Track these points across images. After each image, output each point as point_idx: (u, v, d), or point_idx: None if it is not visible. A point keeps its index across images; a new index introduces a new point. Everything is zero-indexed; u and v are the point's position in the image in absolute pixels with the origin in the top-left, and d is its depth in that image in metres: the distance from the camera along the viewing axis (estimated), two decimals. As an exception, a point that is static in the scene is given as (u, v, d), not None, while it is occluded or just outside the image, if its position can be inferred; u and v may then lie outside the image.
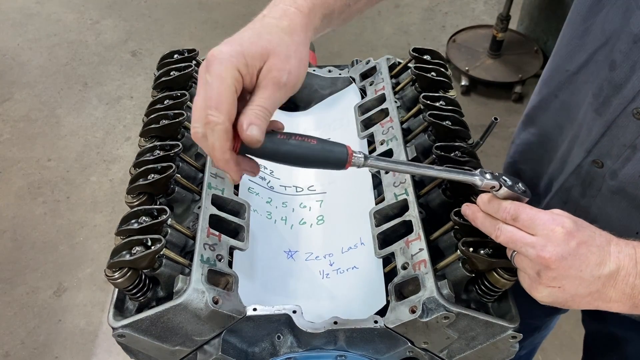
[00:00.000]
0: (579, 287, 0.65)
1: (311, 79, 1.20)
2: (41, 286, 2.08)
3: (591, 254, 0.65)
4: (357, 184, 1.00)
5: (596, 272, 0.65)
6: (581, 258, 0.64)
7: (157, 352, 0.80)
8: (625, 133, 0.81)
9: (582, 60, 0.88)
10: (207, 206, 0.85)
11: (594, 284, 0.65)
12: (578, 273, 0.64)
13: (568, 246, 0.64)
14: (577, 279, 0.65)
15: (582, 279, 0.65)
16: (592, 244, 0.65)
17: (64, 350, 1.86)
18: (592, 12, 0.84)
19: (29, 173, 2.55)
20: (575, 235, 0.65)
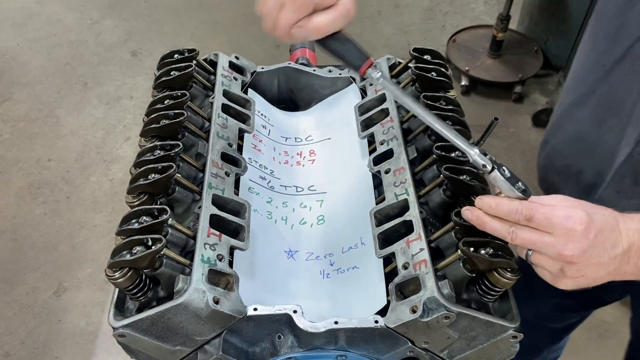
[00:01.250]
0: (599, 271, 0.69)
1: (311, 79, 1.20)
2: (41, 286, 2.08)
3: (606, 239, 0.68)
4: (358, 184, 1.00)
5: (612, 253, 0.68)
6: (599, 246, 0.68)
7: (158, 352, 0.80)
8: None
9: (618, 54, 0.90)
10: (208, 206, 0.85)
11: (611, 264, 0.69)
12: (598, 260, 0.68)
13: (587, 240, 0.67)
14: (597, 265, 0.69)
15: (601, 264, 0.69)
16: (605, 229, 0.68)
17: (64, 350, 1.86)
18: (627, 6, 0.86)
19: (29, 173, 2.55)
20: (592, 227, 0.67)
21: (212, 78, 1.12)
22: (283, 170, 1.07)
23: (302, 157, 1.12)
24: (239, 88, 1.12)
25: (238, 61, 1.17)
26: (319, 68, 1.22)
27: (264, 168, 1.04)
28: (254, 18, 0.75)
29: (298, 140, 1.15)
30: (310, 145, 1.14)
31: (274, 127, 1.15)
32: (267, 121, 1.14)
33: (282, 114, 1.21)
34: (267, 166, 1.05)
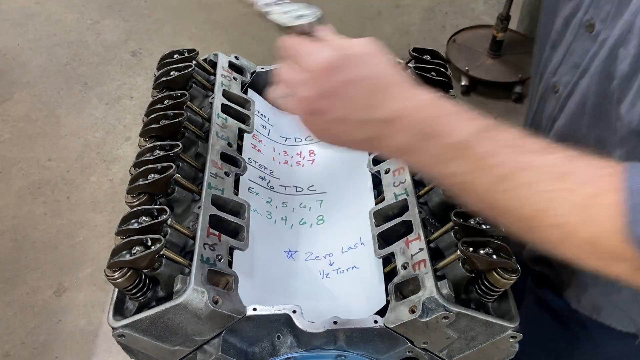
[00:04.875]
0: (351, 131, 0.59)
1: (311, 79, 1.20)
2: (41, 286, 2.08)
3: (362, 95, 0.57)
4: (357, 184, 1.00)
5: (367, 115, 0.57)
6: (347, 100, 0.57)
7: (157, 352, 0.80)
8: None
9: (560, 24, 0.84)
10: (207, 206, 0.85)
11: (368, 129, 0.58)
12: (343, 115, 0.58)
13: (328, 85, 0.57)
14: (345, 122, 0.58)
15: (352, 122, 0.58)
16: (366, 84, 0.57)
17: (64, 350, 1.86)
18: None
19: (29, 173, 2.55)
20: (341, 73, 0.57)
21: (211, 78, 1.12)
22: (283, 170, 1.08)
23: (301, 157, 1.12)
24: (238, 88, 1.12)
25: (238, 61, 1.17)
26: (318, 68, 1.22)
27: (264, 168, 1.04)
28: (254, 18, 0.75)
29: (298, 140, 1.15)
30: (310, 145, 1.14)
31: (273, 127, 1.15)
32: (266, 121, 1.14)
33: (281, 114, 1.20)
34: (267, 166, 1.05)
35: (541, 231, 0.53)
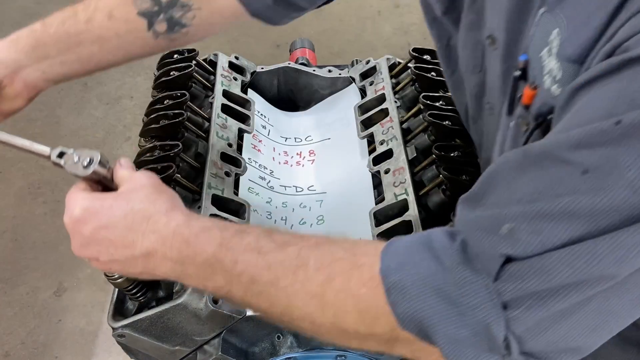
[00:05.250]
0: (126, 268, 0.62)
1: (311, 79, 1.21)
2: (41, 286, 2.07)
3: (115, 237, 0.60)
4: (357, 184, 1.00)
5: (127, 253, 0.60)
6: (104, 243, 0.60)
7: (157, 352, 0.80)
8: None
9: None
10: (207, 206, 0.85)
11: (136, 264, 0.61)
12: (111, 257, 0.61)
13: (83, 236, 0.61)
14: (116, 262, 0.61)
15: (121, 262, 0.61)
16: (116, 227, 0.60)
17: (64, 350, 1.86)
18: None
19: (29, 173, 2.55)
20: (87, 222, 0.60)
21: (211, 78, 1.12)
22: (283, 171, 1.08)
23: (301, 157, 1.12)
24: (238, 88, 1.12)
25: (238, 61, 1.18)
26: (318, 68, 1.22)
27: (264, 168, 1.04)
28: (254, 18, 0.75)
29: (298, 141, 1.15)
30: (310, 145, 1.14)
31: (273, 127, 1.15)
32: (266, 121, 1.14)
33: (281, 114, 1.21)
34: (267, 166, 1.05)
35: (298, 325, 0.55)
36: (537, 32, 0.52)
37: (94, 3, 0.77)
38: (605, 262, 0.40)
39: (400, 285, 0.48)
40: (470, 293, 0.45)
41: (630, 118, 0.38)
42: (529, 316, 0.43)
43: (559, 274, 0.41)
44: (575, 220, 0.41)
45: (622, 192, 0.39)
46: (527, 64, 0.54)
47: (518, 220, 0.43)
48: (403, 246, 0.51)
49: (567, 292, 0.42)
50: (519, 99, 0.56)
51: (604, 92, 0.41)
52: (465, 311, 0.45)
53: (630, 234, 0.39)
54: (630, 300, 0.44)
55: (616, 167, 0.39)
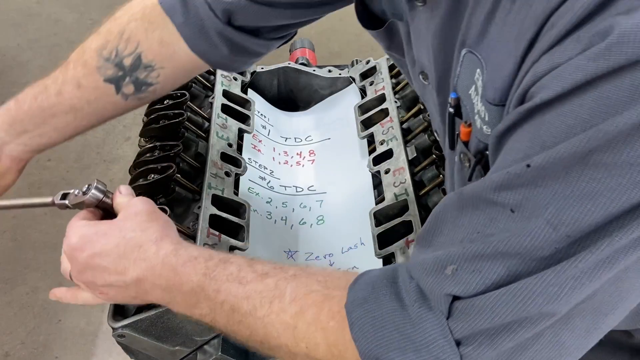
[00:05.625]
0: (119, 293, 0.65)
1: (311, 79, 1.20)
2: (41, 286, 2.07)
3: (108, 264, 0.63)
4: (357, 184, 1.00)
5: (120, 279, 0.63)
6: (98, 270, 0.64)
7: (157, 352, 0.80)
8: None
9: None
10: (207, 206, 0.85)
11: (128, 290, 0.64)
12: (105, 282, 0.64)
13: (79, 262, 0.65)
14: (110, 287, 0.65)
15: (115, 287, 0.64)
16: (109, 254, 0.63)
17: (64, 350, 1.86)
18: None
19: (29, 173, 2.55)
20: (83, 249, 0.64)
21: (211, 78, 1.12)
22: (283, 171, 1.08)
23: (301, 157, 1.12)
24: (238, 88, 1.12)
25: (238, 61, 1.17)
26: (318, 68, 1.22)
27: (264, 168, 1.04)
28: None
29: (298, 141, 1.15)
30: (310, 145, 1.14)
31: (273, 127, 1.15)
32: (266, 121, 1.14)
33: (281, 114, 1.21)
34: (267, 166, 1.05)
35: (275, 353, 0.57)
36: (462, 71, 0.54)
37: (61, 76, 0.81)
38: (540, 301, 0.42)
39: (361, 321, 0.49)
40: (425, 330, 0.46)
41: (539, 161, 0.40)
42: (482, 353, 0.45)
43: (500, 312, 0.43)
44: (509, 259, 0.42)
45: (542, 230, 0.40)
46: (459, 102, 0.56)
47: (460, 260, 0.45)
48: (369, 281, 0.52)
49: (514, 330, 0.43)
50: (457, 135, 0.58)
51: (520, 137, 0.43)
52: (421, 348, 0.46)
53: (557, 272, 0.41)
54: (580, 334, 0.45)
55: (537, 206, 0.41)
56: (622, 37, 0.36)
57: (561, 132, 0.40)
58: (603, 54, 0.37)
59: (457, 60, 0.54)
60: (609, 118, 0.37)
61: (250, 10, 0.73)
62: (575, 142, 0.38)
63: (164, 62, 0.77)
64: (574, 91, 0.39)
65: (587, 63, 0.38)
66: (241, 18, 0.74)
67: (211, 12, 0.73)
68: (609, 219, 0.39)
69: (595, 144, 0.38)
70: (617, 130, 0.37)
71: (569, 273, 0.40)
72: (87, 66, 0.79)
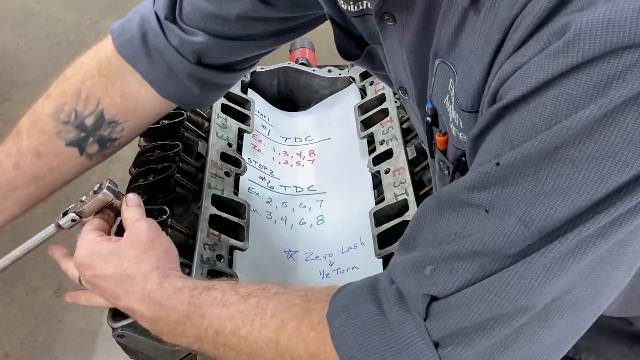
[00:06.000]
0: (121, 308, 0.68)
1: (311, 79, 1.20)
2: (41, 286, 2.07)
3: (108, 287, 0.67)
4: (357, 184, 1.00)
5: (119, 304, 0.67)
6: (101, 290, 0.68)
7: (157, 352, 0.80)
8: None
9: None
10: (207, 206, 0.85)
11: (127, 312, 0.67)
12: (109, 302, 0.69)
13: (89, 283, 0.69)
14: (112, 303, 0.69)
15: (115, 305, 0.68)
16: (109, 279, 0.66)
17: (64, 350, 1.86)
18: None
19: (29, 173, 2.55)
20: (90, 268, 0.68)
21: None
22: (283, 171, 1.08)
23: (301, 157, 1.12)
24: (238, 88, 1.12)
25: (238, 61, 1.17)
26: (318, 68, 1.22)
27: (264, 168, 1.04)
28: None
29: (298, 141, 1.15)
30: (310, 145, 1.14)
31: (273, 127, 1.15)
32: (266, 121, 1.14)
33: (281, 114, 1.21)
34: (267, 166, 1.05)
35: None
36: (436, 82, 0.54)
37: (15, 148, 0.77)
38: (513, 294, 0.42)
39: (342, 329, 0.50)
40: (403, 332, 0.46)
41: (507, 159, 0.41)
42: (461, 353, 0.45)
43: (475, 309, 0.43)
44: (483, 258, 0.43)
45: (514, 227, 0.41)
46: (435, 111, 0.57)
47: (437, 260, 0.46)
48: (350, 291, 0.53)
49: (490, 327, 0.44)
50: (434, 144, 0.59)
51: (491, 138, 0.44)
52: (400, 351, 0.46)
53: (528, 263, 0.41)
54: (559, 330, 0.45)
55: (509, 203, 0.42)
56: (577, 34, 0.37)
57: (528, 131, 0.40)
58: (561, 51, 0.38)
59: (432, 71, 0.55)
60: (571, 114, 0.38)
61: (222, 46, 0.73)
62: (541, 139, 0.39)
63: (127, 114, 0.77)
64: (537, 90, 0.39)
65: (547, 61, 0.39)
66: (212, 56, 0.74)
67: (179, 55, 0.72)
68: (578, 212, 0.40)
69: (560, 140, 0.39)
70: (580, 126, 0.38)
71: (540, 263, 0.41)
72: (44, 133, 0.76)
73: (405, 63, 0.59)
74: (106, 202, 0.72)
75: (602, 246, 0.41)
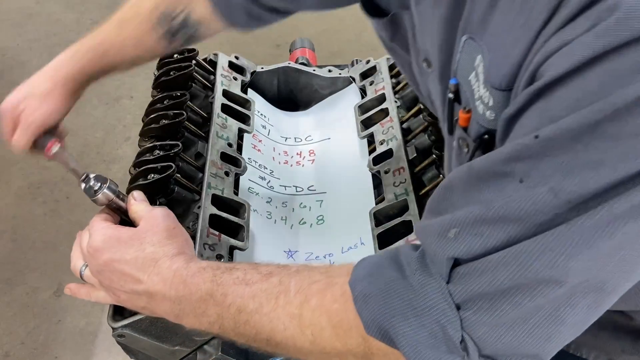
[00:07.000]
0: (132, 301, 0.68)
1: (311, 79, 1.20)
2: (41, 286, 2.07)
3: (123, 273, 0.66)
4: (357, 184, 1.00)
5: (134, 288, 0.66)
6: (115, 275, 0.67)
7: (157, 352, 0.80)
8: None
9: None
10: (207, 206, 0.85)
11: (139, 300, 0.67)
12: (120, 287, 0.67)
13: (98, 264, 0.68)
14: (123, 292, 0.68)
15: (127, 294, 0.67)
16: (126, 263, 0.66)
17: (64, 350, 1.86)
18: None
19: (29, 173, 2.55)
20: (102, 254, 0.67)
21: (211, 78, 1.12)
22: (283, 170, 1.07)
23: (301, 157, 1.12)
24: (238, 88, 1.12)
25: (238, 61, 1.18)
26: (318, 68, 1.22)
27: (264, 168, 1.04)
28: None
29: (298, 140, 1.15)
30: (310, 145, 1.14)
31: (273, 127, 1.15)
32: (266, 121, 1.14)
33: (281, 114, 1.21)
34: (267, 166, 1.05)
35: (281, 349, 0.59)
36: (461, 58, 0.55)
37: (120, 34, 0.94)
38: (538, 265, 0.43)
39: (364, 293, 0.52)
40: (425, 295, 0.48)
41: (547, 132, 0.42)
42: (481, 318, 0.46)
43: (499, 275, 0.44)
44: (510, 224, 0.44)
45: (544, 195, 0.42)
46: (458, 87, 0.57)
47: (462, 224, 0.46)
48: (372, 261, 0.55)
49: (512, 296, 0.44)
50: (456, 121, 0.59)
51: (530, 114, 0.45)
52: (422, 313, 0.48)
53: (556, 236, 0.42)
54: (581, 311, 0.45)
55: (543, 174, 0.42)
56: (628, 12, 0.38)
57: (569, 106, 0.41)
58: (610, 29, 0.38)
59: (458, 47, 0.55)
60: (615, 90, 0.38)
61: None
62: (584, 113, 0.40)
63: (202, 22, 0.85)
64: (583, 66, 0.40)
65: (595, 40, 0.39)
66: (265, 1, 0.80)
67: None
68: (610, 187, 0.40)
69: (602, 115, 0.39)
70: (623, 102, 0.38)
71: (567, 237, 0.42)
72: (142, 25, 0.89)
73: (433, 34, 0.59)
74: (106, 202, 0.73)
75: (633, 229, 0.41)
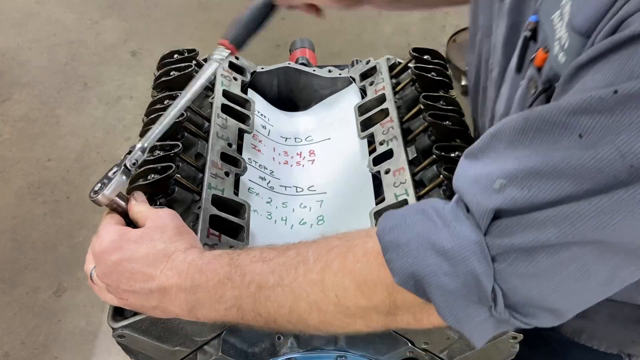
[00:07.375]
0: (140, 300, 0.67)
1: (311, 79, 1.20)
2: (41, 286, 2.08)
3: (135, 270, 0.65)
4: (357, 184, 1.00)
5: (145, 286, 0.65)
6: (124, 274, 0.65)
7: (157, 352, 0.80)
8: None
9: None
10: (207, 206, 0.84)
11: (151, 298, 0.66)
12: (129, 287, 0.66)
13: (107, 264, 0.66)
14: (132, 293, 0.66)
15: (137, 293, 0.66)
16: (137, 260, 0.65)
17: (64, 351, 1.86)
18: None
19: (29, 173, 2.55)
20: (113, 252, 0.66)
21: (211, 78, 1.12)
22: (283, 171, 1.07)
23: (301, 158, 1.12)
24: (238, 88, 1.12)
25: (238, 61, 1.17)
26: (318, 68, 1.22)
27: (264, 168, 1.04)
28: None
29: (298, 141, 1.15)
30: (310, 145, 1.14)
31: (273, 127, 1.15)
32: (266, 121, 1.14)
33: (281, 114, 1.20)
34: (267, 166, 1.05)
35: (306, 320, 0.58)
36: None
37: None
38: (589, 226, 0.42)
39: (395, 242, 0.51)
40: (461, 246, 0.47)
41: (627, 88, 0.39)
42: (514, 271, 0.45)
43: (547, 233, 0.43)
44: (564, 179, 0.42)
45: (609, 155, 0.40)
46: (538, 26, 0.55)
47: (510, 176, 0.45)
48: (397, 214, 0.54)
49: (553, 253, 0.44)
50: (531, 60, 0.57)
51: (605, 66, 0.42)
52: (457, 263, 0.47)
53: (612, 200, 0.41)
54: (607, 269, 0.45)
55: (609, 132, 0.40)
56: None
57: None
58: None
59: None
60: None
61: None
62: None
63: None
64: None
65: None
66: None
67: None
68: None
69: None
70: None
71: (625, 202, 0.40)
72: None
73: None
74: (107, 202, 0.73)
75: None
